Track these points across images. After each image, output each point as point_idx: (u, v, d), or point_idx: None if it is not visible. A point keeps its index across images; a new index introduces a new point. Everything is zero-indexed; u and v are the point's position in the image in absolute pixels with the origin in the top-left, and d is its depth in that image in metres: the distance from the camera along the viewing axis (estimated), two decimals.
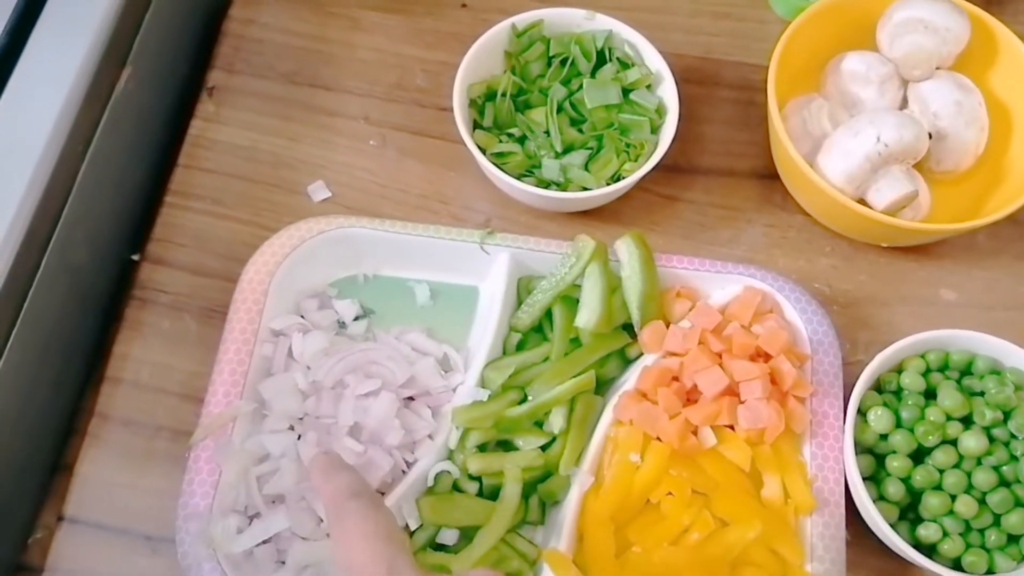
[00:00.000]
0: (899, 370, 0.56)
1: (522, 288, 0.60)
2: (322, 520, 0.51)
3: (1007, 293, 0.64)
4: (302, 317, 0.59)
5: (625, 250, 0.58)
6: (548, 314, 0.59)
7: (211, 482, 0.52)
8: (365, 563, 0.40)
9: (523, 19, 0.64)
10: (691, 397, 0.55)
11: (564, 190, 0.61)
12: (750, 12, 0.76)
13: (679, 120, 0.62)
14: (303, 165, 0.66)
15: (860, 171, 0.57)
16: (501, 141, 0.62)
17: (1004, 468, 0.52)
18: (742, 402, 0.54)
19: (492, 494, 0.54)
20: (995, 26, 0.63)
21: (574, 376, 0.56)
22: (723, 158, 0.68)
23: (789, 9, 0.74)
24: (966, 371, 0.56)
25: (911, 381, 0.55)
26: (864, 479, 0.53)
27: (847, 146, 0.57)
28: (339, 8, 0.73)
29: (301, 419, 0.55)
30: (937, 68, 0.63)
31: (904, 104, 0.64)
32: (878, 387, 0.56)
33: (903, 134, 0.56)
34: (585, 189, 0.60)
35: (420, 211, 0.65)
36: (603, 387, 0.58)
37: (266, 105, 0.68)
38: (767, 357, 0.55)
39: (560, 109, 0.63)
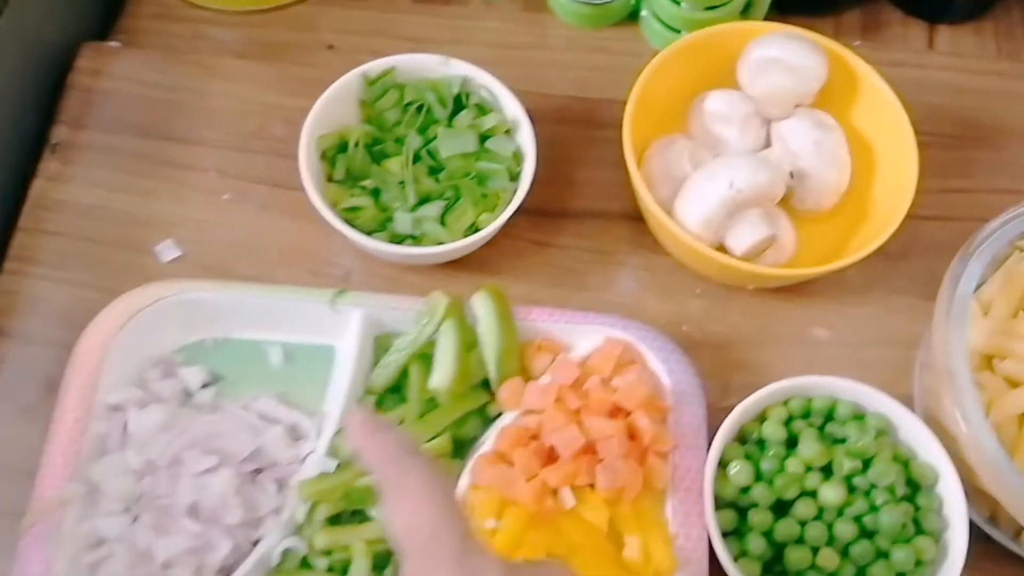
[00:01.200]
0: (762, 419, 0.55)
1: (379, 347, 0.58)
2: None
3: (879, 329, 0.63)
4: (145, 388, 0.56)
5: (481, 305, 0.56)
6: (406, 373, 0.56)
7: (39, 572, 0.49)
8: (435, 527, 0.34)
9: (374, 67, 0.62)
10: (551, 456, 0.53)
11: (419, 243, 0.59)
12: (625, 45, 0.75)
13: (548, 164, 0.61)
14: (154, 223, 0.63)
15: (716, 216, 0.56)
16: (353, 195, 0.60)
17: (865, 518, 0.51)
18: (600, 461, 0.52)
19: (344, 569, 0.51)
20: (854, 62, 0.63)
21: (430, 439, 0.54)
22: (594, 200, 0.67)
23: (664, 41, 0.73)
24: (829, 417, 0.55)
25: (772, 431, 0.53)
26: (727, 534, 0.52)
27: (702, 191, 0.56)
28: (194, 55, 0.70)
29: (139, 500, 0.52)
30: (797, 106, 0.62)
31: (768, 143, 0.63)
32: (742, 438, 0.55)
33: (757, 178, 0.55)
34: (440, 243, 0.58)
35: (277, 267, 0.62)
36: (463, 448, 0.55)
37: (116, 161, 0.65)
38: (627, 412, 0.54)
39: (417, 158, 0.61)
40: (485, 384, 0.56)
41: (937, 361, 0.52)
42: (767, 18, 0.74)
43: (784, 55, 0.60)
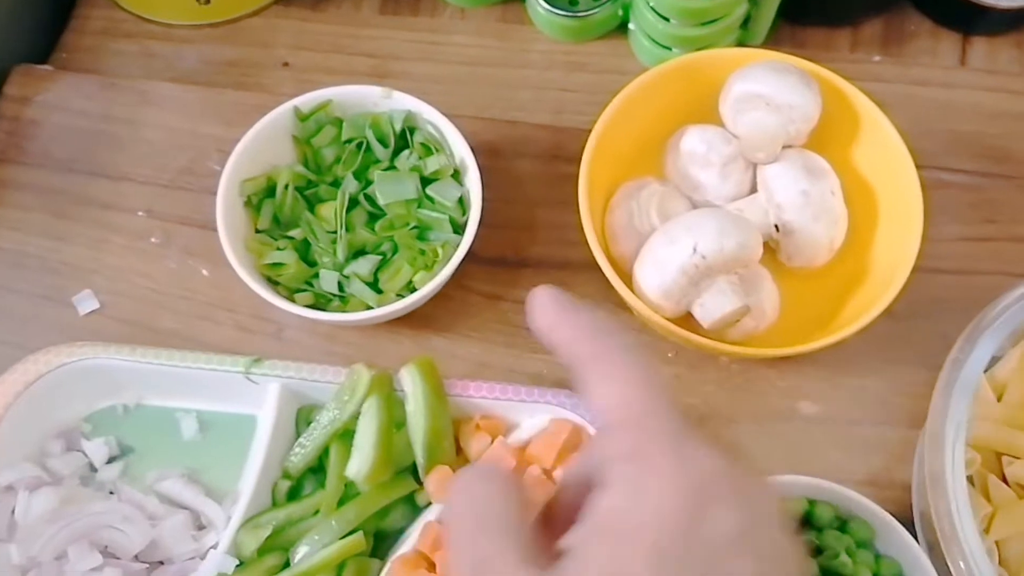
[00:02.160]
0: None
1: (302, 420, 0.52)
2: None
3: (877, 405, 0.55)
4: (43, 464, 0.51)
5: (409, 380, 0.50)
6: (328, 453, 0.51)
7: None
8: (652, 401, 0.29)
9: (308, 100, 0.55)
10: None
11: (346, 305, 0.53)
12: (611, 62, 0.67)
13: (508, 204, 0.54)
14: (72, 271, 0.58)
15: (676, 286, 0.48)
16: (280, 248, 0.53)
17: None
18: None
19: None
20: (855, 97, 0.54)
21: (344, 535, 0.48)
22: (557, 247, 0.59)
23: (654, 61, 0.65)
24: (805, 520, 0.47)
25: None
26: None
27: (661, 257, 0.48)
28: (127, 80, 0.64)
29: None
30: (787, 147, 0.54)
31: (754, 187, 0.55)
32: None
33: (724, 244, 0.47)
34: (369, 306, 0.52)
35: (202, 322, 0.57)
36: (387, 541, 0.50)
37: (38, 200, 0.60)
38: None
39: (355, 203, 0.55)
40: (415, 468, 0.50)
41: (927, 459, 0.44)
42: (776, 30, 0.65)
43: (769, 91, 0.52)
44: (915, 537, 0.47)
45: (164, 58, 0.67)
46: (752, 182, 0.55)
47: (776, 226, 0.53)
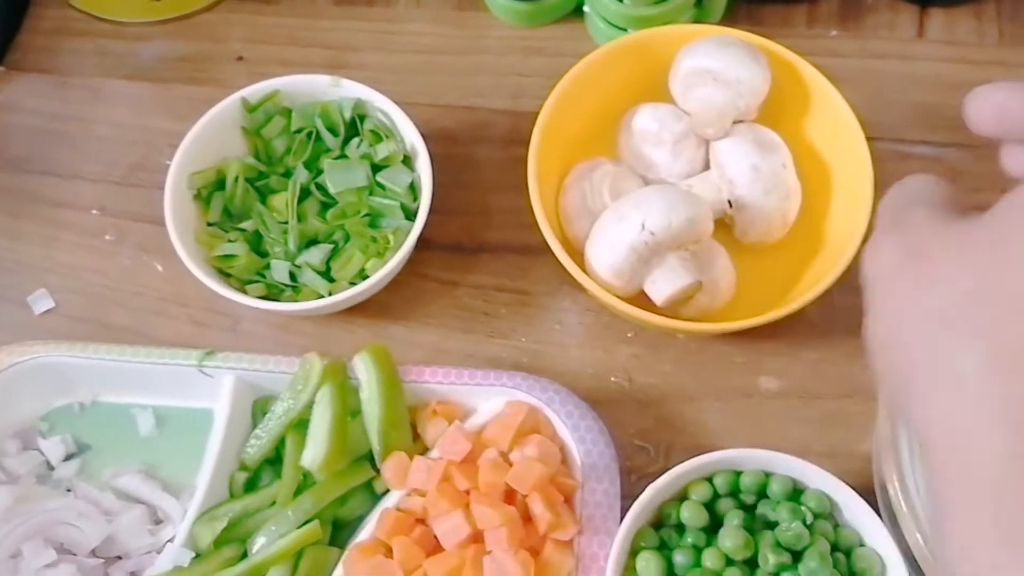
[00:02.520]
0: (683, 497, 0.47)
1: (258, 411, 0.52)
2: None
3: (838, 377, 0.54)
4: (2, 463, 0.50)
5: (363, 368, 0.50)
6: (284, 444, 0.50)
7: None
8: None
9: (255, 91, 0.55)
10: (438, 545, 0.47)
11: (298, 294, 0.52)
12: (568, 45, 0.66)
13: (464, 189, 0.54)
14: (26, 269, 0.58)
15: (627, 264, 0.48)
16: (231, 240, 0.53)
17: None
18: (489, 553, 0.46)
19: None
20: (805, 70, 0.54)
21: (302, 524, 0.47)
22: (514, 232, 0.59)
23: (610, 40, 0.65)
24: (762, 494, 0.47)
25: (691, 515, 0.46)
26: None
27: (611, 235, 0.48)
28: (78, 77, 0.64)
29: None
30: (738, 122, 0.53)
31: (707, 165, 0.54)
32: (659, 520, 0.47)
33: (672, 219, 0.47)
34: (320, 296, 0.52)
35: (156, 317, 0.57)
36: (346, 530, 0.49)
37: None
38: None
39: (307, 193, 0.54)
40: (372, 456, 0.50)
41: (879, 425, 0.44)
42: (732, 9, 0.65)
43: (716, 65, 0.51)
44: (878, 508, 0.46)
45: (117, 56, 0.67)
46: (705, 159, 0.55)
47: (729, 202, 0.52)
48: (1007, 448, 0.24)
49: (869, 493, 0.47)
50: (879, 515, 0.45)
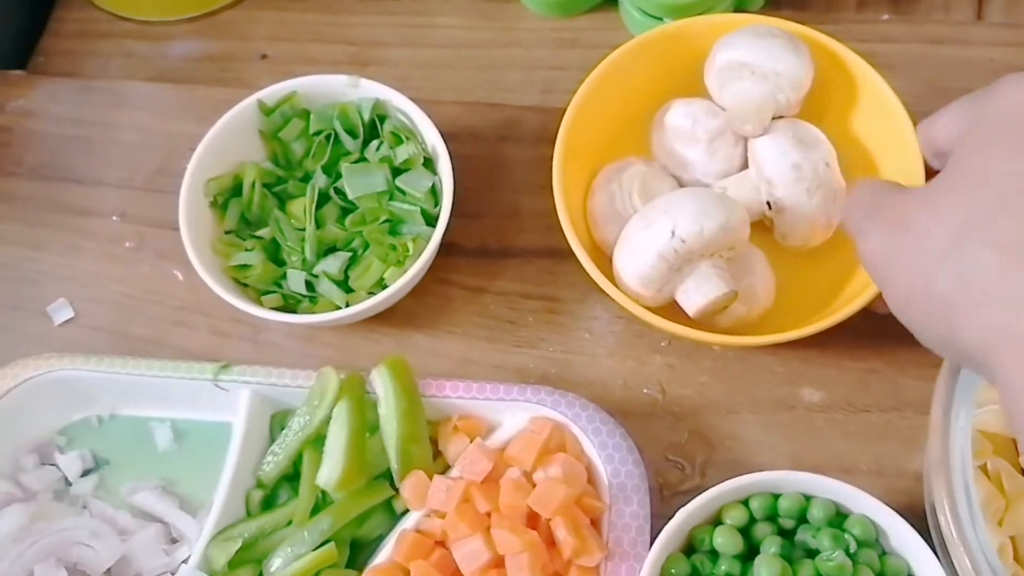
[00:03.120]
0: (717, 521, 0.45)
1: (276, 425, 0.50)
2: None
3: (885, 389, 0.51)
4: (16, 480, 0.50)
5: (380, 383, 0.48)
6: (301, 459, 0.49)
7: None
8: None
9: (272, 93, 0.53)
10: (458, 570, 0.45)
11: (315, 305, 0.51)
12: (602, 36, 0.63)
13: (491, 190, 0.53)
14: (46, 279, 0.57)
15: (656, 273, 0.45)
16: (247, 249, 0.51)
17: None
18: None
19: None
20: (849, 59, 0.50)
21: (319, 545, 0.46)
22: (543, 234, 0.56)
23: (646, 31, 0.62)
24: (801, 518, 0.44)
25: (725, 541, 0.43)
26: None
27: (638, 241, 0.45)
28: (102, 80, 0.63)
29: None
30: (779, 117, 0.50)
31: (746, 164, 0.51)
32: (690, 546, 0.45)
33: (704, 225, 0.44)
34: (337, 306, 0.50)
35: (176, 327, 0.55)
36: (364, 551, 0.48)
37: (9, 208, 0.59)
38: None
39: (326, 198, 0.53)
40: (391, 473, 0.48)
41: (930, 445, 0.41)
42: None
43: (753, 58, 0.48)
44: (929, 531, 0.43)
45: (142, 57, 0.66)
46: (743, 157, 0.51)
47: (768, 203, 0.49)
48: None
49: (920, 516, 0.44)
50: (930, 540, 0.42)
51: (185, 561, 0.47)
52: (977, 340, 0.30)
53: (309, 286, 0.51)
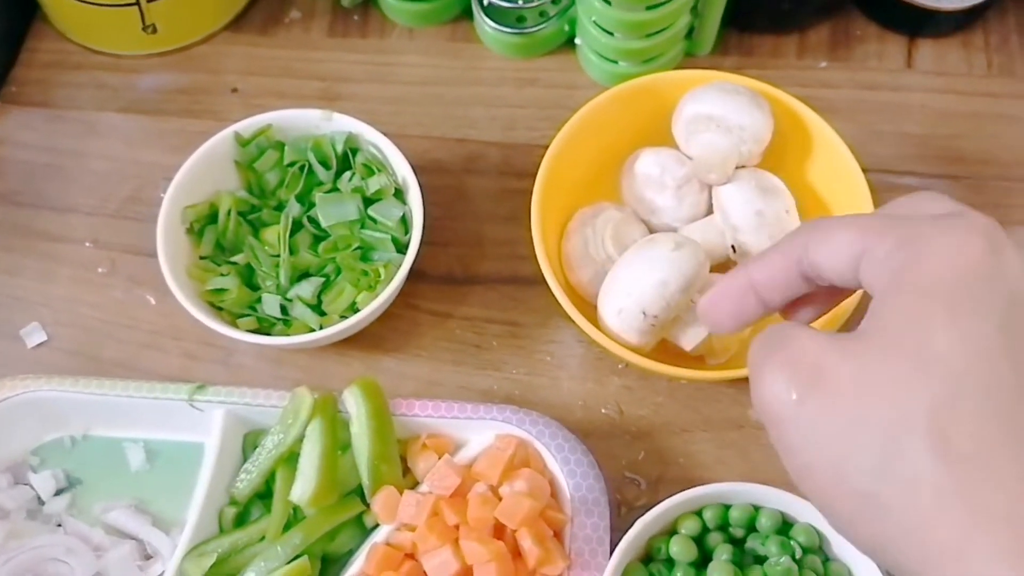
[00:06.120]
0: (672, 532, 0.47)
1: (248, 446, 0.52)
2: None
3: None
4: None
5: (353, 402, 0.50)
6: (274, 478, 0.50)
7: None
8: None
9: (248, 125, 0.56)
10: None
11: (289, 328, 0.52)
12: (561, 76, 0.67)
13: (457, 219, 0.55)
14: (19, 304, 0.58)
15: (643, 339, 0.48)
16: (223, 274, 0.53)
17: None
18: None
19: None
20: (805, 114, 0.54)
21: (291, 559, 0.47)
22: (507, 263, 0.59)
23: (603, 75, 0.66)
24: (751, 527, 0.47)
25: (680, 549, 0.46)
26: None
27: (615, 325, 0.48)
28: (73, 111, 0.64)
29: None
30: (741, 167, 0.54)
31: (711, 209, 0.55)
32: (648, 555, 0.47)
33: (668, 296, 0.46)
34: (311, 329, 0.52)
35: (148, 350, 0.57)
36: (335, 566, 0.49)
37: None
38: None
39: (299, 227, 0.55)
40: (362, 489, 0.50)
41: None
42: (723, 39, 0.66)
43: (719, 111, 0.52)
44: None
45: (113, 88, 0.67)
46: (708, 203, 0.55)
47: (732, 247, 0.53)
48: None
49: None
50: None
51: None
52: (918, 558, 0.26)
53: (283, 310, 0.52)
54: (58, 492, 0.52)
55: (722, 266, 0.53)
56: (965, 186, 0.61)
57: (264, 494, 0.51)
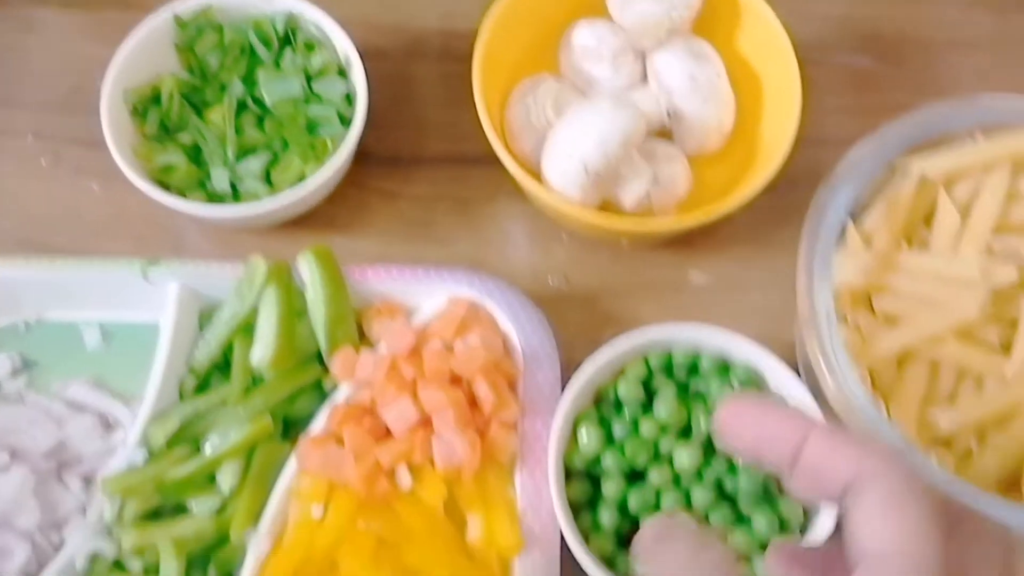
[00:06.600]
0: (620, 377, 0.50)
1: (204, 320, 0.53)
2: None
3: (762, 270, 0.57)
4: None
5: (307, 269, 0.51)
6: (232, 349, 0.51)
7: None
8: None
9: (188, 7, 0.56)
10: (388, 434, 0.48)
11: (240, 202, 0.53)
12: None
13: (400, 103, 0.56)
14: None
15: (584, 194, 0.50)
16: (167, 151, 0.54)
17: (724, 481, 0.46)
18: (437, 434, 0.47)
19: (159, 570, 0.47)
20: None
21: (253, 420, 0.49)
22: (451, 143, 0.60)
23: None
24: (693, 371, 0.50)
25: (627, 390, 0.48)
26: (581, 507, 0.47)
27: (557, 179, 0.50)
28: (10, 8, 0.63)
29: None
30: (671, 32, 0.55)
31: (645, 77, 0.56)
32: (598, 399, 0.50)
33: (608, 151, 0.48)
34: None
35: (99, 238, 0.57)
36: (297, 427, 0.50)
37: None
38: (468, 380, 0.49)
39: (243, 107, 0.55)
40: (320, 356, 0.51)
41: (800, 303, 0.47)
42: None
43: None
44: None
45: None
46: (643, 73, 0.57)
47: (668, 112, 0.54)
48: None
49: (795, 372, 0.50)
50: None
51: (123, 445, 0.49)
52: None
53: (232, 187, 0.53)
54: (14, 374, 0.52)
55: (658, 134, 0.55)
56: (889, 59, 0.64)
57: (223, 366, 0.52)
